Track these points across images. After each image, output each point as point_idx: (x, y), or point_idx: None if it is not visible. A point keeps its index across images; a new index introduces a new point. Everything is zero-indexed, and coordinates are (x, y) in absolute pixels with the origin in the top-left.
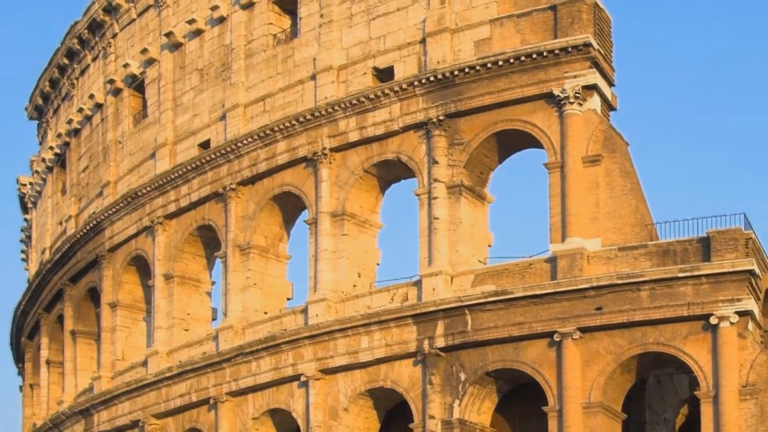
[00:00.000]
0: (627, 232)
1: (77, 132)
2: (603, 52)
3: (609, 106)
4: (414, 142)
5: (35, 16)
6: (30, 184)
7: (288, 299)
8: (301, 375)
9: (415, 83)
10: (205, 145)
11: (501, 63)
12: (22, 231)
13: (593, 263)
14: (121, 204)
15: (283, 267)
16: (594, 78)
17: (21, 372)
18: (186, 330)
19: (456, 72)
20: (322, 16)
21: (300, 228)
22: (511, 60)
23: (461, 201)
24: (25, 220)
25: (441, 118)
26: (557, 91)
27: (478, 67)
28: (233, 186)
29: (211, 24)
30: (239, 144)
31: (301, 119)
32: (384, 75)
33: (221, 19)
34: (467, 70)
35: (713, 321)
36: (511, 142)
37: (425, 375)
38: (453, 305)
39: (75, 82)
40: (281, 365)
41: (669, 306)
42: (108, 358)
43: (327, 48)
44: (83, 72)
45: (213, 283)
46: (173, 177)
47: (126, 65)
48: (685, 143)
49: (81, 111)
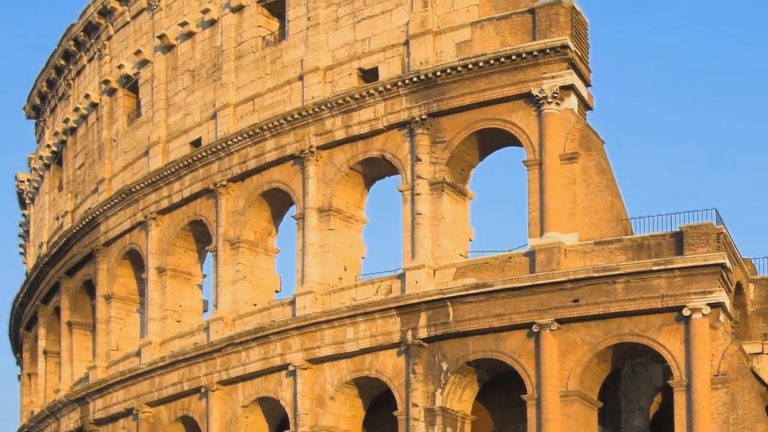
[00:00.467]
0: (603, 227)
1: (73, 130)
2: (580, 53)
3: (585, 105)
4: (398, 140)
5: (33, 19)
6: (28, 180)
7: (276, 292)
8: (289, 364)
9: (399, 84)
10: (197, 143)
11: (481, 64)
12: (20, 226)
13: (570, 257)
14: (116, 200)
15: (272, 260)
16: (571, 78)
17: (19, 362)
18: (178, 321)
19: (438, 73)
20: (309, 19)
21: (288, 223)
22: (491, 61)
23: (443, 197)
24: (23, 215)
25: (424, 117)
26: (536, 91)
27: (459, 68)
28: (224, 183)
29: (203, 26)
30: (229, 142)
31: (289, 118)
32: (369, 76)
33: (212, 22)
34: (449, 71)
35: (686, 313)
36: (491, 140)
37: (408, 365)
38: (435, 297)
39: (71, 82)
40: (270, 355)
41: (643, 298)
42: (103, 348)
43: (314, 50)
44: (79, 73)
45: (204, 276)
46: (166, 174)
47: (120, 66)
48: (659, 141)
49: (77, 110)
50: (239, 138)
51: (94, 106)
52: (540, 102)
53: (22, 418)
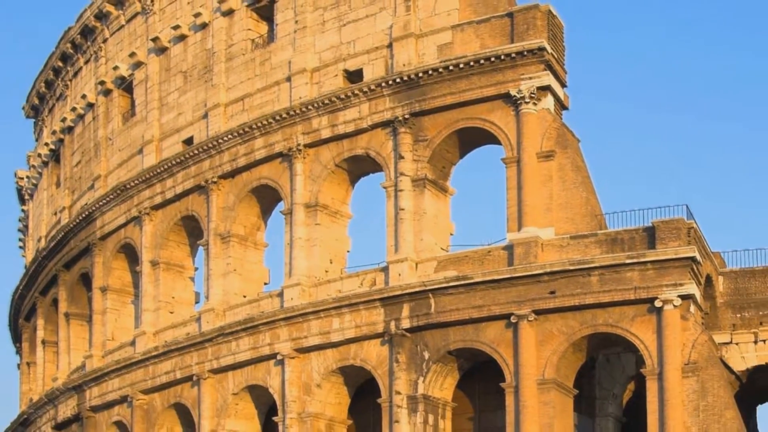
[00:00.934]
0: (578, 221)
1: (71, 129)
2: (556, 55)
3: (561, 105)
4: (381, 138)
5: (31, 22)
6: (27, 177)
7: (265, 284)
8: (278, 354)
9: (383, 84)
10: (189, 142)
11: (462, 66)
12: (19, 221)
13: (547, 251)
14: (111, 196)
15: (261, 254)
16: (548, 79)
17: (19, 351)
18: (171, 312)
19: (420, 74)
20: (296, 22)
21: (276, 218)
22: (471, 63)
23: (425, 193)
24: (23, 210)
25: (406, 116)
26: (514, 92)
27: (440, 70)
28: (214, 179)
29: (194, 30)
30: (220, 140)
31: (277, 117)
32: (354, 77)
33: (203, 25)
34: (431, 72)
35: (658, 304)
36: (471, 138)
37: (392, 354)
38: (417, 289)
39: (68, 83)
40: (259, 345)
41: (617, 290)
42: (99, 338)
43: (301, 52)
44: (76, 74)
45: (196, 269)
46: (159, 171)
47: (116, 68)
48: (632, 140)
49: (74, 110)
50: (229, 136)
51: (90, 106)
52: (518, 102)
53: (21, 405)
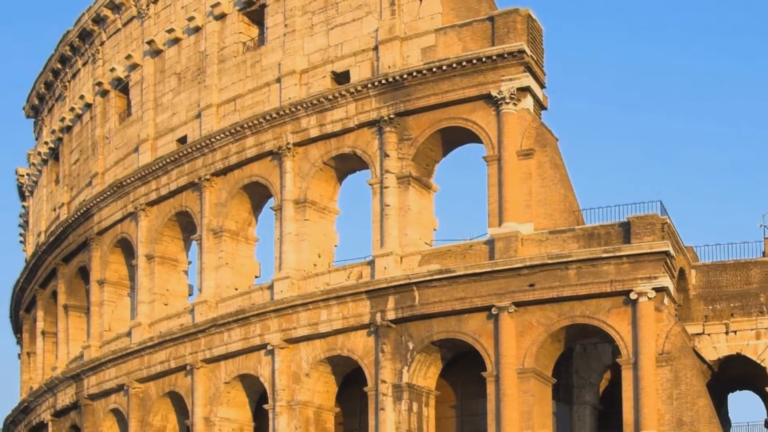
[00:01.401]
0: (556, 217)
1: (69, 129)
2: (535, 57)
3: (540, 105)
4: (368, 137)
5: (31, 26)
6: (27, 175)
7: (256, 277)
8: (268, 344)
9: (369, 85)
10: (183, 141)
11: (445, 68)
12: (20, 216)
13: (526, 245)
14: (108, 192)
15: (252, 248)
16: (527, 81)
17: (19, 341)
18: (165, 304)
19: (405, 75)
20: (286, 26)
21: (266, 214)
22: (454, 65)
23: (409, 190)
24: (23, 206)
25: (391, 116)
26: (494, 93)
27: (424, 71)
28: (207, 177)
29: (188, 33)
30: (213, 139)
31: (268, 117)
32: (341, 78)
33: (197, 29)
34: (415, 73)
35: (633, 296)
36: (454, 137)
37: (378, 344)
38: (402, 282)
39: (67, 84)
40: (250, 335)
41: (594, 283)
42: (96, 329)
43: (290, 54)
44: (74, 75)
45: (189, 263)
46: (154, 169)
47: (112, 69)
48: (609, 138)
49: (72, 110)
50: (222, 135)
51: (88, 106)
52: (498, 102)
53: (22, 393)
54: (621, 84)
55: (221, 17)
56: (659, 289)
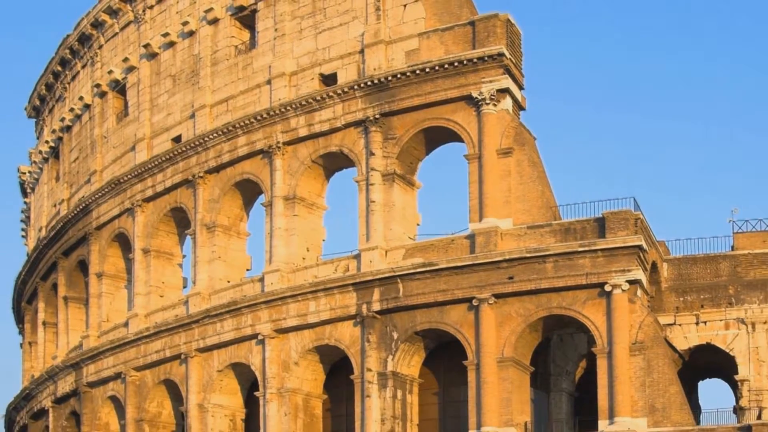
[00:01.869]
0: (534, 213)
1: (69, 128)
2: (514, 60)
3: (519, 106)
4: (354, 136)
5: (33, 30)
6: (29, 172)
7: (247, 270)
8: (259, 334)
9: (355, 87)
10: (177, 140)
11: (428, 70)
12: (22, 212)
13: (506, 239)
14: (106, 189)
15: (243, 242)
16: (506, 82)
17: (21, 332)
18: (161, 296)
19: (390, 77)
20: (276, 30)
21: (257, 210)
22: (436, 67)
23: (394, 187)
24: (25, 203)
25: (377, 116)
26: (475, 94)
27: (408, 74)
28: (201, 174)
29: (182, 37)
30: (206, 138)
31: (259, 117)
32: (329, 80)
33: (191, 33)
34: (399, 76)
35: (607, 288)
36: (437, 136)
37: (364, 334)
38: (387, 275)
39: (67, 86)
40: (241, 326)
41: (570, 276)
42: (95, 319)
43: (280, 57)
44: (74, 77)
45: (184, 257)
46: (150, 166)
47: (110, 72)
48: (584, 137)
49: (72, 110)
50: (215, 135)
51: (87, 106)
52: (479, 103)
53: (23, 381)
54: (596, 85)
55: (214, 22)
56: (632, 282)
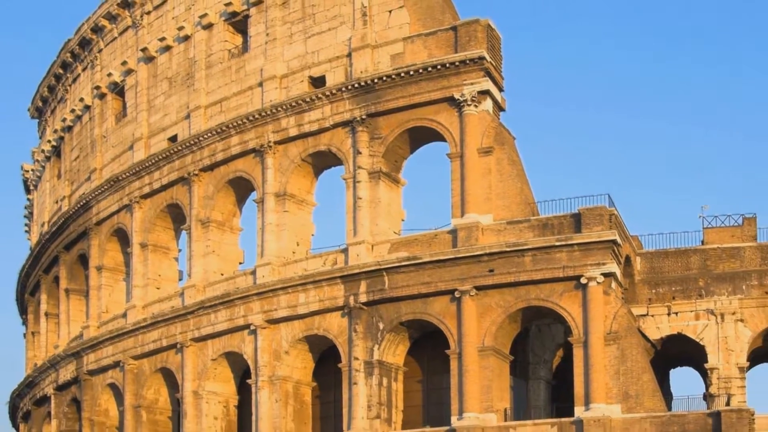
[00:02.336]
0: (514, 209)
1: (70, 128)
2: (494, 63)
3: (499, 107)
4: (342, 136)
5: (35, 35)
6: (32, 170)
7: (240, 263)
8: (251, 324)
9: (343, 89)
10: (173, 139)
11: (412, 73)
12: (25, 208)
13: (486, 234)
14: (106, 186)
15: (236, 237)
16: (487, 85)
17: (25, 322)
18: (158, 288)
19: (376, 80)
20: (267, 34)
21: (250, 206)
22: (420, 70)
23: (380, 184)
24: (28, 199)
25: (364, 117)
26: (457, 96)
27: (393, 76)
28: (196, 172)
29: (178, 41)
30: (201, 138)
31: (251, 118)
32: (318, 82)
33: (186, 37)
34: (385, 78)
35: (583, 281)
36: (420, 136)
37: (351, 324)
38: (373, 268)
39: (68, 88)
40: (235, 316)
41: (548, 269)
42: (95, 310)
43: (271, 60)
44: (75, 80)
45: (180, 251)
46: (147, 165)
47: (109, 74)
48: (561, 137)
49: (73, 111)
50: (209, 134)
51: (87, 107)
52: (461, 104)
53: (27, 369)
54: (573, 87)
55: (208, 27)
56: (607, 275)
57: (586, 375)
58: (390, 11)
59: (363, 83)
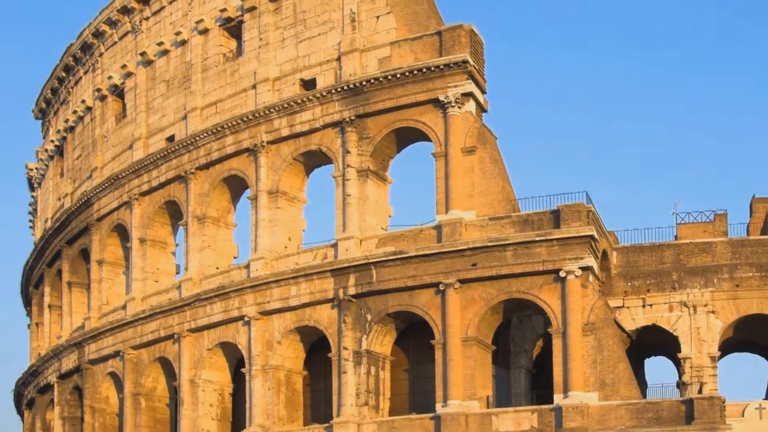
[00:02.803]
0: (495, 205)
1: (72, 129)
2: (477, 67)
3: (482, 108)
4: (332, 136)
5: (39, 40)
6: (36, 169)
7: (234, 257)
8: (245, 316)
9: (333, 91)
10: (171, 139)
11: (398, 75)
12: (29, 205)
13: (470, 230)
14: (106, 184)
15: (231, 233)
16: (470, 87)
17: (29, 314)
18: (156, 281)
19: (364, 82)
20: (260, 39)
21: (244, 203)
22: (406, 73)
23: (368, 182)
24: (32, 196)
25: (352, 118)
26: (442, 97)
27: (381, 79)
28: (192, 170)
29: (176, 45)
30: (197, 138)
31: (245, 119)
32: (308, 85)
33: (183, 42)
34: (373, 81)
35: (562, 274)
36: (407, 136)
37: (340, 316)
38: (362, 262)
39: (70, 90)
40: (229, 308)
41: (528, 263)
42: (96, 303)
43: (265, 64)
44: (77, 82)
45: (177, 245)
46: (146, 163)
47: (110, 77)
48: (541, 136)
49: (75, 112)
50: (205, 135)
51: (89, 109)
52: (445, 106)
53: (31, 359)
54: (552, 89)
55: (204, 32)
56: (585, 268)
57: (564, 364)
58: (378, 17)
59: (352, 86)
